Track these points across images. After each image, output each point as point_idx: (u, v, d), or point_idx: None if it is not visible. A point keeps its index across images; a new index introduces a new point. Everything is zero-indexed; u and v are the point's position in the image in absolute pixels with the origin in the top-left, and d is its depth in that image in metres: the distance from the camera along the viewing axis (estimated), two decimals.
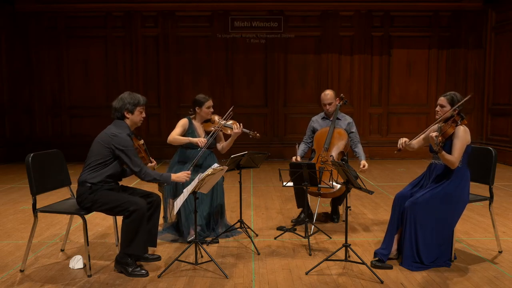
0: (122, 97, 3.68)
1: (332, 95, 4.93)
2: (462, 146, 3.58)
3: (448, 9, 9.99)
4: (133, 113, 3.68)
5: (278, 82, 10.12)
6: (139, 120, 3.75)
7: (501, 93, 9.51)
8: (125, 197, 3.55)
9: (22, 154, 4.40)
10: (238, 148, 5.08)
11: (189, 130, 4.55)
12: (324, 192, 4.56)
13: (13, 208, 5.76)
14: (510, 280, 3.42)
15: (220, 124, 4.53)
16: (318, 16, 10.01)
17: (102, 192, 3.55)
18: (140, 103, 3.69)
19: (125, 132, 3.62)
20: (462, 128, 3.60)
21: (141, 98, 3.72)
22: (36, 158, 3.60)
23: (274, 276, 3.51)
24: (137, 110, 3.68)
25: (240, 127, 4.52)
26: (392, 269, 3.61)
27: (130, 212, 3.46)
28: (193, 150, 4.47)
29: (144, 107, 3.75)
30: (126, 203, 3.49)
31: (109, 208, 3.54)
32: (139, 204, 3.49)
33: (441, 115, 3.71)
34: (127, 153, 3.55)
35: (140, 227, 3.49)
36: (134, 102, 3.66)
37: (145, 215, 3.54)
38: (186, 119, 4.60)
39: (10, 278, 3.51)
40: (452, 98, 3.69)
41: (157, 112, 10.08)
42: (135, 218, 3.46)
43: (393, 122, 10.28)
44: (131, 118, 3.69)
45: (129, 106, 3.65)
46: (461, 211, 3.69)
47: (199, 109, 4.54)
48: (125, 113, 3.66)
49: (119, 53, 9.98)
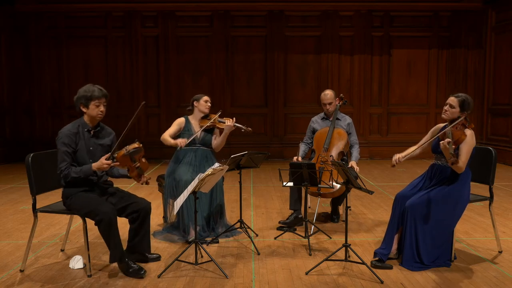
0: (79, 90, 3.52)
1: (332, 95, 4.93)
2: (469, 150, 3.54)
3: (448, 9, 9.99)
4: (88, 108, 3.50)
5: (278, 82, 10.13)
6: (97, 114, 3.53)
7: (501, 93, 9.51)
8: (93, 205, 3.43)
9: (22, 154, 4.39)
10: (238, 148, 5.08)
11: (186, 128, 4.55)
12: (324, 192, 4.56)
13: (13, 208, 5.76)
14: (510, 280, 3.42)
15: (215, 119, 4.53)
16: (318, 16, 10.01)
17: (76, 197, 3.49)
18: (94, 96, 3.47)
19: (69, 129, 3.47)
20: (469, 132, 3.55)
21: (97, 91, 3.50)
22: (36, 158, 3.60)
23: (274, 276, 3.51)
24: (92, 104, 3.48)
25: (233, 121, 4.52)
26: (392, 269, 3.61)
27: (97, 222, 3.40)
28: (185, 150, 4.49)
29: (102, 100, 3.53)
30: (93, 211, 3.39)
31: (81, 214, 3.47)
32: (105, 212, 3.37)
33: (449, 115, 3.64)
34: (57, 148, 3.44)
35: (110, 235, 3.39)
36: (87, 95, 3.47)
37: (114, 221, 3.40)
38: (183, 118, 4.62)
39: (10, 278, 3.51)
40: (463, 101, 3.60)
41: (157, 112, 10.08)
42: (103, 226, 3.39)
43: (393, 122, 10.28)
44: (88, 113, 3.53)
45: (83, 101, 3.48)
46: (462, 211, 3.69)
47: (197, 102, 4.57)
48: (81, 107, 3.52)
49: (119, 53, 9.98)
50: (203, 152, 4.55)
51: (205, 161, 4.51)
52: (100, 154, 3.56)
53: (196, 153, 4.52)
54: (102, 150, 3.62)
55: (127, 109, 9.96)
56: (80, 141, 3.51)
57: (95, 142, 3.60)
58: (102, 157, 3.45)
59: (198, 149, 4.54)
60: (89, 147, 3.56)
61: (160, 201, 5.23)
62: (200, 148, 4.55)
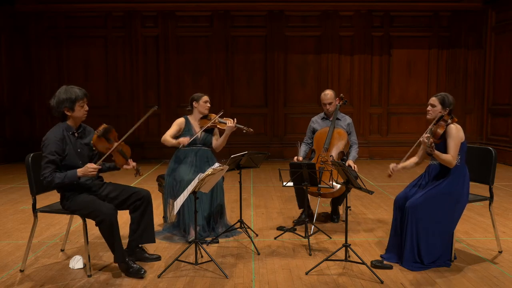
0: (58, 95, 3.47)
1: (332, 95, 4.93)
2: (457, 144, 3.60)
3: (448, 9, 9.99)
4: (73, 110, 3.48)
5: (278, 82, 10.13)
6: (83, 115, 3.54)
7: (501, 93, 9.51)
8: (93, 205, 3.43)
9: (22, 154, 4.39)
10: (238, 148, 5.08)
11: (186, 128, 4.55)
12: (324, 192, 4.56)
13: (13, 208, 5.76)
14: (510, 280, 3.42)
15: (215, 119, 4.53)
16: (318, 16, 10.01)
17: (75, 198, 3.50)
18: (79, 98, 3.47)
19: (54, 135, 3.44)
20: (453, 126, 3.63)
21: (79, 92, 3.49)
22: (36, 158, 3.60)
23: (274, 276, 3.51)
24: (77, 105, 3.47)
25: (234, 122, 4.52)
26: (392, 269, 3.61)
27: (98, 222, 3.41)
28: (185, 150, 4.49)
29: (85, 99, 3.51)
30: (94, 212, 3.41)
31: (81, 214, 3.49)
32: (105, 213, 3.38)
33: (432, 114, 3.76)
34: (42, 158, 3.42)
35: (113, 235, 3.41)
36: (71, 98, 3.44)
37: (114, 221, 3.42)
38: (183, 118, 4.62)
39: (10, 278, 3.51)
40: (443, 98, 3.74)
41: (157, 112, 10.06)
42: (104, 227, 3.40)
43: (393, 122, 10.28)
44: (73, 115, 3.50)
45: (67, 104, 3.45)
46: (462, 209, 3.69)
47: (197, 103, 4.57)
48: (64, 111, 3.50)
49: (119, 53, 9.98)
50: (203, 153, 4.56)
51: (205, 161, 4.51)
52: (87, 154, 3.59)
53: (197, 153, 4.53)
54: (89, 150, 3.62)
55: (127, 109, 9.96)
56: (67, 146, 3.49)
57: (81, 143, 3.59)
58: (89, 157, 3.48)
59: (199, 150, 4.54)
60: (77, 149, 3.54)
61: (160, 201, 5.23)
62: (201, 149, 4.55)
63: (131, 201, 3.67)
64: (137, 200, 3.67)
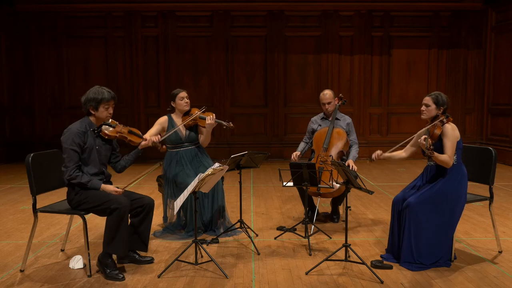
0: (88, 93, 3.57)
1: (331, 94, 4.93)
2: (453, 143, 3.60)
3: (448, 9, 9.99)
4: (97, 110, 3.57)
5: (278, 82, 10.12)
6: (106, 117, 3.63)
7: (501, 93, 9.50)
8: (108, 196, 3.50)
9: (22, 154, 4.39)
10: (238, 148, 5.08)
11: (170, 126, 4.51)
12: (324, 192, 4.56)
13: (13, 208, 5.77)
14: (510, 280, 3.42)
15: (196, 116, 4.48)
16: (318, 16, 10.01)
17: (86, 192, 3.52)
18: (104, 100, 3.55)
19: (77, 128, 3.52)
20: (449, 126, 3.62)
21: (107, 94, 3.57)
22: (36, 158, 3.60)
23: (274, 276, 3.51)
24: (102, 106, 3.56)
25: (213, 117, 4.48)
26: (392, 269, 3.61)
27: (112, 210, 3.43)
28: (175, 150, 4.49)
29: (111, 102, 3.60)
30: (108, 202, 3.45)
31: (92, 207, 3.52)
32: (121, 203, 3.44)
33: (427, 114, 3.75)
34: (63, 150, 3.49)
35: (121, 226, 3.44)
36: (97, 98, 3.54)
37: (127, 214, 3.48)
38: (165, 116, 4.57)
39: (10, 278, 3.52)
40: (437, 98, 3.72)
41: (157, 112, 10.05)
42: (116, 216, 3.42)
43: (393, 122, 10.28)
44: (97, 115, 3.60)
45: (93, 103, 3.55)
46: (461, 209, 3.69)
47: (174, 102, 4.52)
48: (90, 109, 3.59)
49: (119, 53, 9.98)
50: (192, 150, 4.54)
51: (197, 158, 4.51)
52: (105, 153, 3.69)
53: (186, 152, 4.50)
54: (106, 150, 3.71)
55: (127, 109, 9.96)
56: (88, 139, 3.58)
57: (100, 142, 3.67)
58: (107, 157, 3.72)
59: (187, 148, 4.52)
60: (96, 146, 3.63)
61: (160, 201, 5.23)
62: (188, 148, 4.53)
63: (133, 206, 3.67)
64: (139, 206, 3.69)
